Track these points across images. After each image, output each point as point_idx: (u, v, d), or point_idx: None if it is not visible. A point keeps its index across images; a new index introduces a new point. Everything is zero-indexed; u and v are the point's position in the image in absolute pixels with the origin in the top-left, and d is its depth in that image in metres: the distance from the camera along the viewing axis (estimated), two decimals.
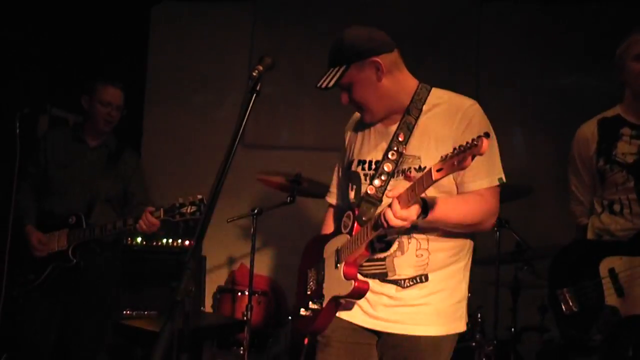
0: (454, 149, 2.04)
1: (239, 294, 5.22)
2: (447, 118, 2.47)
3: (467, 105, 2.51)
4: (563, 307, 3.01)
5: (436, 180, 2.09)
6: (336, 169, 2.88)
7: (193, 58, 6.19)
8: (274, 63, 2.27)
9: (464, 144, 2.01)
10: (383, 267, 2.48)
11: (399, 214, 2.20)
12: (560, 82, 5.68)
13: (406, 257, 2.46)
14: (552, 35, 5.69)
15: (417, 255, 2.46)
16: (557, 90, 5.67)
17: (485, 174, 2.43)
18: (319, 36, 5.96)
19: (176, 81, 6.19)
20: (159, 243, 5.23)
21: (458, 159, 2.02)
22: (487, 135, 1.97)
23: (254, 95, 2.19)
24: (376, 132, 2.61)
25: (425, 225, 2.40)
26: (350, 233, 2.47)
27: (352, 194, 2.61)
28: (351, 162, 2.66)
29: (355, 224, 2.46)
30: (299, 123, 6.06)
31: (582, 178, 3.23)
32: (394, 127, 2.54)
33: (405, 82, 2.59)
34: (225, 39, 6.20)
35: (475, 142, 1.98)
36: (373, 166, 2.55)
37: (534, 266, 4.37)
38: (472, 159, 2.00)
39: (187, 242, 5.19)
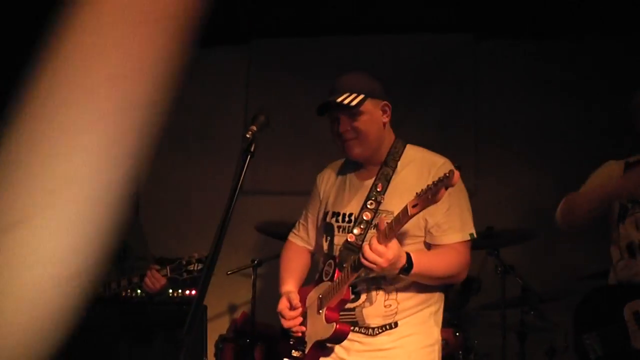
0: (428, 185, 2.21)
1: (241, 342, 5.12)
2: (421, 175, 2.61)
3: (440, 163, 2.67)
4: (589, 352, 2.97)
5: (412, 216, 2.26)
6: (303, 214, 2.97)
7: (188, 105, 6.14)
8: (269, 120, 2.36)
9: (437, 179, 2.19)
10: (353, 316, 2.58)
11: (375, 247, 2.30)
12: (562, 120, 5.65)
13: (374, 307, 2.56)
14: (550, 72, 5.70)
15: (385, 306, 2.56)
16: (559, 129, 5.65)
17: (459, 229, 2.57)
18: (314, 80, 5.98)
19: (172, 129, 6.13)
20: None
21: (431, 192, 2.18)
22: (458, 168, 2.15)
23: (249, 157, 2.26)
24: (352, 186, 2.72)
25: (406, 277, 2.49)
26: (332, 280, 2.56)
27: (325, 245, 2.70)
28: (326, 214, 2.75)
29: (336, 271, 2.55)
30: (295, 168, 6.02)
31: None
32: (370, 181, 2.67)
33: (389, 135, 2.77)
34: (220, 84, 6.17)
35: (447, 175, 2.14)
36: (347, 218, 2.66)
37: (540, 310, 4.35)
38: (446, 189, 2.16)
39: (187, 292, 5.10)
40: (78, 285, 3.55)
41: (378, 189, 2.60)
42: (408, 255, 2.39)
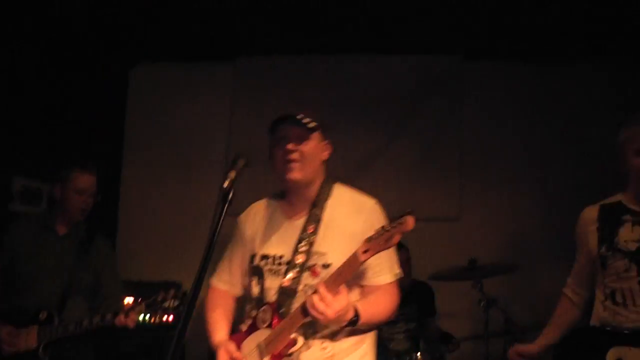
0: (380, 229, 2.24)
1: None
2: (352, 215, 2.61)
3: (370, 204, 2.68)
4: None
5: (363, 262, 2.29)
6: (225, 257, 2.86)
7: (171, 121, 6.08)
8: (248, 162, 2.34)
9: (389, 223, 2.22)
10: None
11: (323, 296, 2.30)
12: (549, 144, 5.63)
13: (312, 351, 2.51)
14: (534, 94, 5.67)
15: (321, 349, 2.52)
16: (545, 153, 5.62)
17: (389, 270, 2.58)
18: (300, 99, 5.91)
19: (154, 146, 6.06)
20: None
21: (385, 237, 2.22)
22: (411, 212, 2.19)
23: (226, 204, 2.23)
24: (280, 226, 2.67)
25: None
26: (270, 327, 2.50)
27: (256, 289, 2.63)
28: (253, 256, 2.68)
29: (275, 317, 2.49)
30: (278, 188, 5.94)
31: (580, 259, 3.20)
32: (300, 221, 2.62)
33: (322, 174, 2.71)
34: (204, 102, 6.09)
35: (401, 221, 2.19)
36: (277, 260, 2.59)
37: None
38: (401, 235, 2.20)
39: (165, 318, 5.01)
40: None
41: (309, 231, 2.56)
42: (355, 309, 2.41)
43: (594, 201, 4.79)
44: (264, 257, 2.63)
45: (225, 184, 2.25)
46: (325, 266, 2.51)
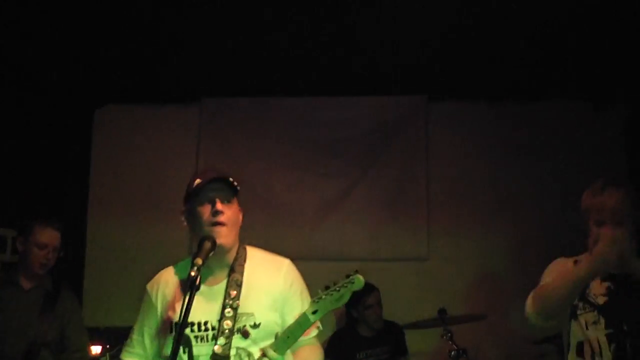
0: (329, 289, 2.29)
1: None
2: (271, 275, 2.64)
3: (287, 264, 2.71)
4: None
5: (314, 322, 2.38)
6: (136, 328, 2.77)
7: (137, 163, 6.03)
8: (214, 245, 2.41)
9: (338, 283, 2.28)
10: None
11: (275, 358, 2.37)
12: (515, 182, 5.70)
13: None
14: (503, 134, 5.75)
15: None
16: (512, 191, 5.69)
17: (315, 325, 2.58)
18: (267, 138, 5.94)
19: (120, 188, 6.00)
20: None
21: (335, 297, 2.28)
22: (357, 272, 2.25)
23: (194, 290, 2.26)
24: (200, 294, 2.51)
25: None
26: None
27: (185, 357, 2.55)
28: (175, 325, 2.58)
29: None
30: (245, 228, 5.91)
31: None
32: (220, 286, 2.61)
33: (237, 238, 2.70)
34: (171, 143, 6.07)
35: (352, 280, 2.25)
36: (203, 327, 2.56)
37: None
38: (352, 293, 2.25)
39: None
40: None
41: (232, 295, 2.55)
42: None
43: (566, 239, 4.88)
44: (189, 324, 2.54)
45: (193, 273, 2.26)
46: (255, 326, 2.52)
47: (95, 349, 4.03)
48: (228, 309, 2.52)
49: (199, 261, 2.27)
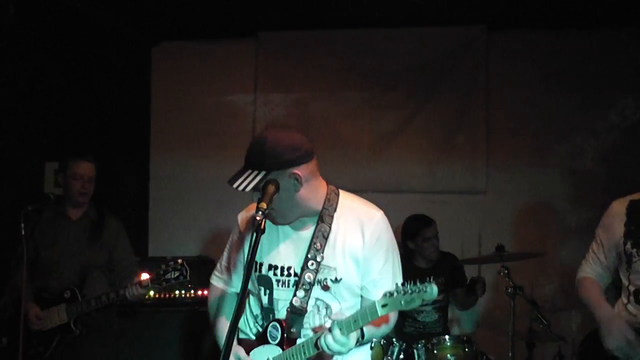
0: (403, 288, 2.18)
1: None
2: (358, 230, 2.56)
3: (377, 218, 2.59)
4: None
5: (381, 316, 2.26)
6: (225, 255, 2.83)
7: (197, 99, 6.11)
8: (278, 188, 2.34)
9: (412, 285, 2.15)
10: None
11: (338, 339, 2.32)
12: (576, 114, 5.56)
13: None
14: (561, 63, 5.58)
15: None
16: (572, 123, 5.57)
17: (391, 285, 2.40)
18: (324, 71, 5.93)
19: (181, 123, 6.12)
20: (172, 295, 5.20)
21: (405, 299, 2.17)
22: (435, 282, 2.13)
23: (259, 235, 2.26)
24: (286, 236, 2.60)
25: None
26: (281, 346, 2.54)
27: (264, 298, 2.62)
28: (260, 264, 2.63)
29: (284, 338, 2.53)
30: None
31: (600, 251, 3.15)
32: (306, 234, 2.57)
33: (318, 189, 2.58)
34: (228, 78, 6.12)
35: (425, 288, 2.12)
36: (285, 272, 2.58)
37: (548, 320, 4.41)
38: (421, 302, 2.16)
39: (200, 292, 5.14)
40: None
41: (317, 247, 2.53)
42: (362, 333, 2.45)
43: (625, 173, 4.81)
44: (273, 267, 2.60)
45: (258, 217, 2.24)
46: (336, 281, 2.54)
47: (144, 275, 4.28)
48: (311, 262, 2.52)
49: (264, 205, 2.25)
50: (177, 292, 5.18)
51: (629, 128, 5.22)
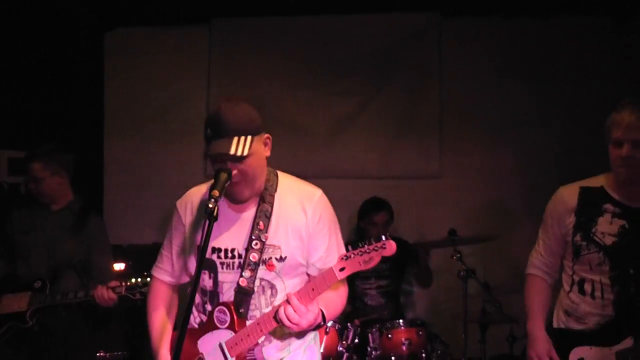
0: (360, 248, 2.23)
1: None
2: (299, 208, 2.60)
3: (317, 196, 2.64)
4: None
5: (340, 279, 2.32)
6: (165, 244, 2.79)
7: (150, 85, 6.05)
8: (229, 176, 2.37)
9: (368, 244, 2.22)
10: (252, 356, 2.57)
11: (297, 307, 2.34)
12: (529, 101, 5.64)
13: (273, 344, 2.60)
14: (514, 51, 5.65)
15: (281, 341, 2.61)
16: (525, 110, 5.65)
17: (337, 254, 2.50)
18: (278, 58, 5.92)
19: (134, 110, 6.05)
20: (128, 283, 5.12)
21: (364, 259, 2.23)
22: (388, 237, 2.20)
23: (212, 222, 2.28)
24: (227, 219, 2.59)
25: None
26: (232, 328, 2.53)
27: (209, 282, 2.61)
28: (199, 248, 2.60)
29: (235, 318, 2.52)
30: None
31: (550, 240, 3.09)
32: (248, 215, 2.59)
33: (265, 166, 2.61)
34: (181, 64, 6.06)
35: (384, 245, 2.19)
36: (230, 254, 2.58)
37: (500, 303, 4.55)
38: (380, 258, 2.21)
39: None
40: None
41: (260, 227, 2.54)
42: (322, 314, 2.45)
43: (575, 161, 4.90)
44: (216, 250, 2.59)
45: (211, 205, 2.26)
46: (280, 259, 2.55)
47: (119, 266, 4.19)
48: (256, 241, 2.53)
49: (216, 193, 2.27)
50: (132, 280, 5.10)
51: (580, 114, 5.32)
